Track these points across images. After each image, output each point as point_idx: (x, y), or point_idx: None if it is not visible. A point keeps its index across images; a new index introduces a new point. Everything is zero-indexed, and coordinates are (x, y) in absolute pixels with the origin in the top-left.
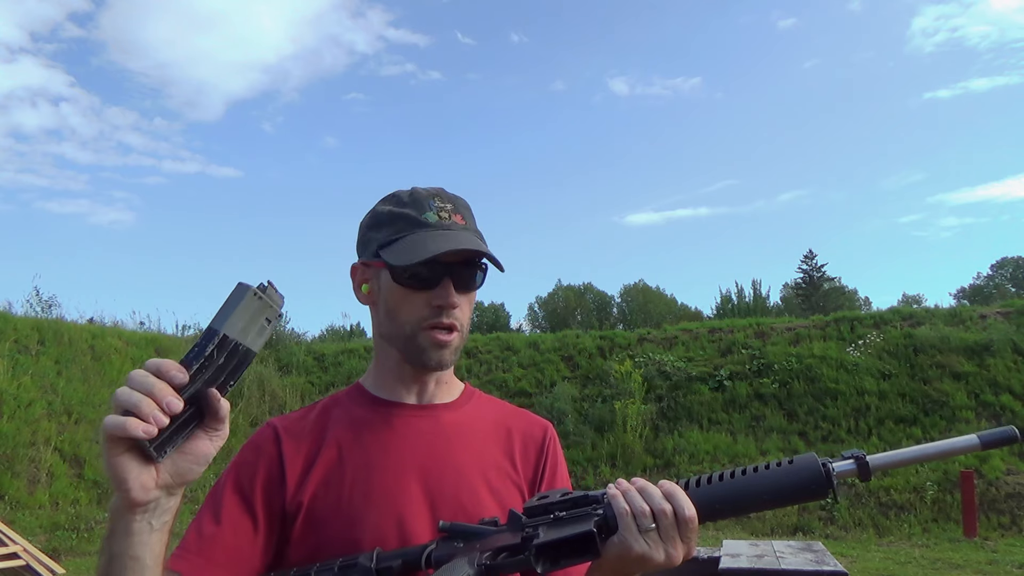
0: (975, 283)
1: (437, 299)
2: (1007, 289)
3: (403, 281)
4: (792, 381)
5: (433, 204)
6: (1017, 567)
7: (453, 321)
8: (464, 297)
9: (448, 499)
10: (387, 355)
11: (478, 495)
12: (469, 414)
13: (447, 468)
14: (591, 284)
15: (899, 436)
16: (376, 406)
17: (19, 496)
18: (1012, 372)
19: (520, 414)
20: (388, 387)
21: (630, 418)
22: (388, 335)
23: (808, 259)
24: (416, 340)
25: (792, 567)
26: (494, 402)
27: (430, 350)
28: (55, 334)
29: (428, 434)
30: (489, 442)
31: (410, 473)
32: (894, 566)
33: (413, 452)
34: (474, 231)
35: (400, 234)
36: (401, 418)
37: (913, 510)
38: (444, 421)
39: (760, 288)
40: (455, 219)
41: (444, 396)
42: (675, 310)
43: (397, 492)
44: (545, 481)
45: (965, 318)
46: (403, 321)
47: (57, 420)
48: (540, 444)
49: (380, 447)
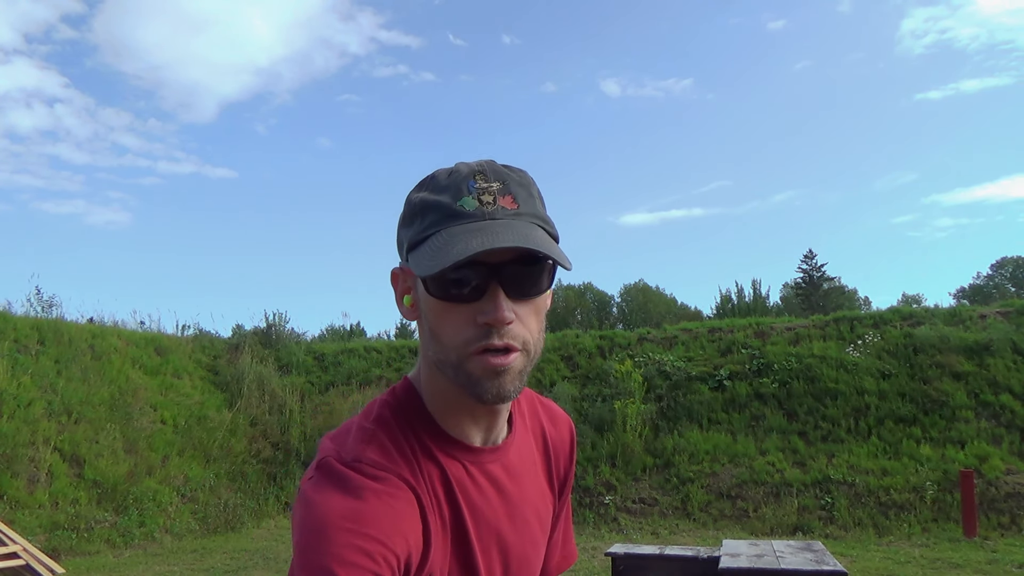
0: (975, 283)
1: (483, 315)
2: (1007, 289)
3: (438, 293)
4: (792, 381)
5: (473, 186)
6: (1017, 567)
7: (509, 341)
8: (524, 306)
9: (518, 557)
10: (445, 384)
11: (536, 542)
12: (523, 437)
13: (518, 522)
14: (591, 284)
15: (899, 436)
16: (456, 454)
17: (19, 496)
18: (1012, 372)
19: (548, 412)
20: (455, 422)
21: (630, 418)
22: (437, 361)
23: (808, 259)
24: (465, 369)
25: (792, 567)
26: (528, 401)
27: (484, 380)
28: (55, 334)
29: (502, 485)
30: (538, 468)
31: (493, 534)
32: (894, 566)
33: (496, 511)
34: (530, 215)
35: (429, 231)
36: (481, 469)
37: (913, 510)
38: (511, 462)
39: (760, 288)
40: (502, 203)
41: (504, 425)
42: (675, 310)
43: (485, 561)
44: (568, 485)
45: (965, 318)
46: (447, 345)
47: (57, 420)
48: (568, 451)
49: (471, 512)
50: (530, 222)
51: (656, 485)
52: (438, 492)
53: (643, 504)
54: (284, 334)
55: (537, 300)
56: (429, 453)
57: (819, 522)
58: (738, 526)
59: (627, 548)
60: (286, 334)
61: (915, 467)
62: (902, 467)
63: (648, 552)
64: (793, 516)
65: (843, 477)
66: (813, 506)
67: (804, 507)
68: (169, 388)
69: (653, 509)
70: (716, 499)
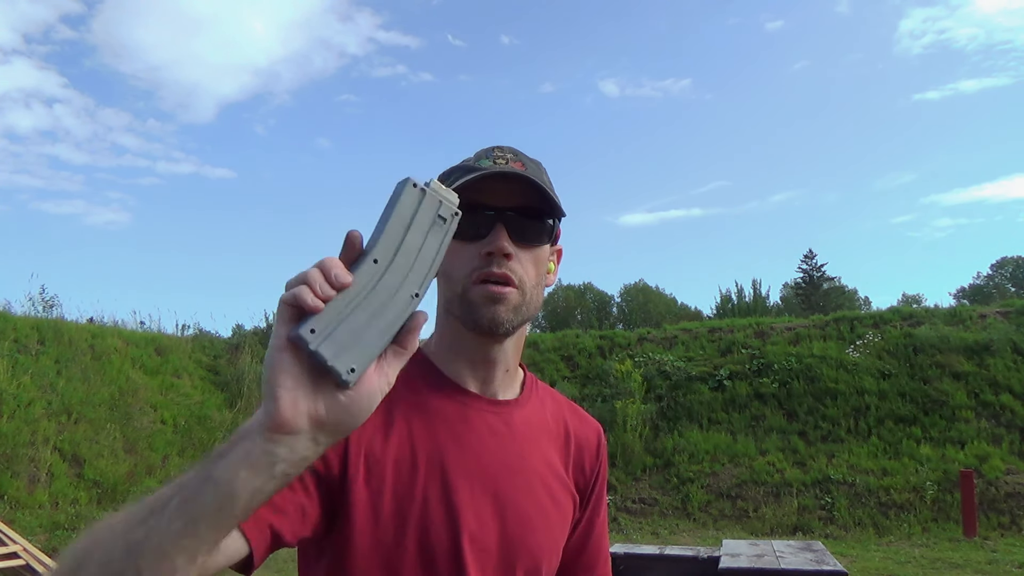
0: (975, 283)
1: (487, 246)
2: (1007, 289)
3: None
4: (792, 381)
5: (492, 153)
6: (1017, 567)
7: (507, 272)
8: (524, 252)
9: (517, 513)
10: (449, 325)
11: (544, 508)
12: (535, 410)
13: (518, 478)
14: (591, 284)
15: (899, 436)
16: (449, 393)
17: (19, 496)
18: (1012, 372)
19: (575, 412)
20: (453, 363)
21: (630, 418)
22: (447, 300)
23: (808, 259)
24: (468, 297)
25: (792, 567)
26: (551, 393)
27: (481, 305)
28: (55, 334)
29: (502, 437)
30: (552, 447)
31: (485, 482)
32: (894, 566)
33: (490, 458)
34: (536, 177)
35: (451, 184)
36: (478, 413)
37: (913, 510)
38: (515, 422)
39: (760, 288)
40: (514, 165)
41: (510, 388)
42: (675, 310)
43: (471, 500)
44: (595, 493)
45: (965, 318)
46: (454, 278)
47: (57, 420)
48: (595, 452)
49: (457, 447)
50: (535, 179)
51: (656, 485)
52: (404, 409)
53: (643, 504)
54: None
55: (537, 251)
56: (414, 385)
57: (819, 522)
58: (738, 526)
59: (627, 548)
60: None
61: (915, 467)
62: (902, 467)
63: (648, 552)
64: (793, 516)
65: (843, 477)
66: (813, 506)
67: (804, 507)
68: (169, 388)
69: (653, 509)
70: (716, 499)
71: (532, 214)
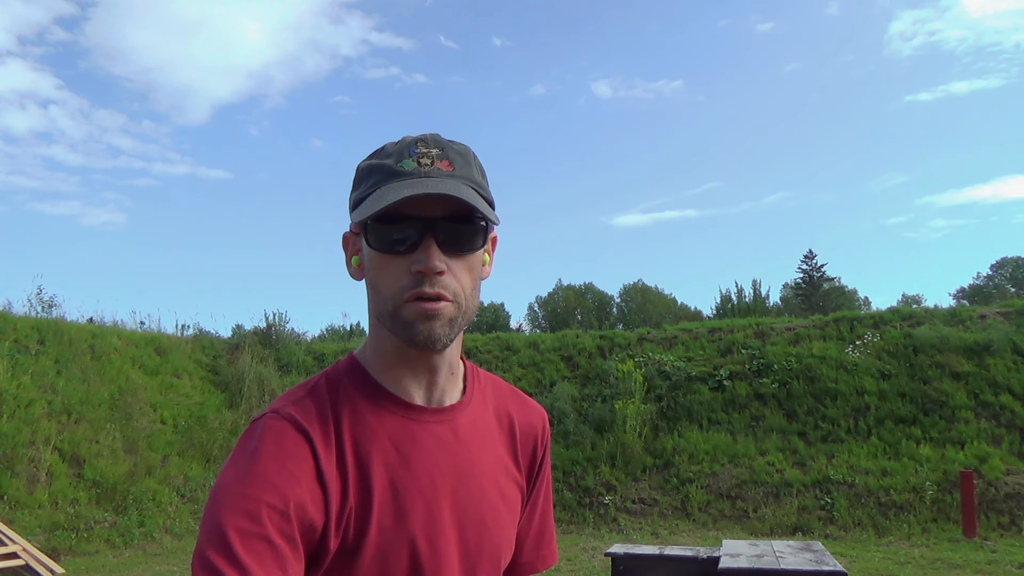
0: (974, 283)
1: (417, 263)
2: (1007, 289)
3: (378, 245)
4: (792, 381)
5: (414, 151)
6: (1017, 567)
7: (439, 290)
8: (457, 262)
9: (474, 521)
10: (384, 333)
11: (497, 509)
12: (478, 408)
13: (471, 485)
14: (591, 284)
15: (898, 436)
16: (392, 409)
17: (18, 496)
18: (1012, 372)
19: (517, 398)
20: (393, 374)
21: (630, 418)
22: (378, 313)
23: (808, 259)
24: (400, 315)
25: (792, 567)
26: (493, 383)
27: (416, 324)
28: (55, 334)
29: (449, 446)
30: (496, 441)
31: (440, 499)
32: (893, 566)
33: (442, 476)
34: (464, 178)
35: (371, 189)
36: (423, 427)
37: (912, 510)
38: (460, 426)
39: (760, 288)
40: (440, 165)
41: (455, 388)
42: (675, 310)
43: (426, 522)
44: (540, 475)
45: (965, 318)
46: (384, 295)
47: (57, 420)
48: (539, 437)
49: (407, 471)
50: (462, 183)
51: (656, 485)
52: (352, 441)
53: (643, 504)
54: (284, 334)
55: (470, 257)
56: (356, 408)
57: (819, 522)
58: (738, 526)
59: (627, 548)
60: (286, 334)
61: (915, 467)
62: (902, 467)
63: (648, 552)
64: (793, 516)
65: (843, 477)
66: (813, 506)
67: (804, 507)
68: (169, 388)
69: (653, 509)
70: (716, 499)
71: (463, 219)
